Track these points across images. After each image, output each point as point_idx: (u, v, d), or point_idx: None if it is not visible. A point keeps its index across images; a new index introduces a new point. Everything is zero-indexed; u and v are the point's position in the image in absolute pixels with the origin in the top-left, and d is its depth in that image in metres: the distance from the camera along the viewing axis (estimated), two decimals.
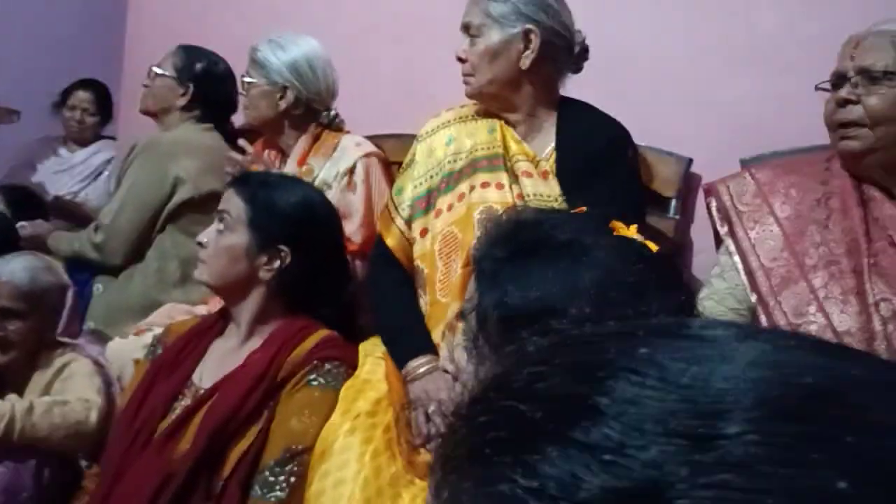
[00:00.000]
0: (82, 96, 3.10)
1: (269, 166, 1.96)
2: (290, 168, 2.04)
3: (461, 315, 0.92)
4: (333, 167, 2.01)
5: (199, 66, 2.33)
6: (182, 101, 2.32)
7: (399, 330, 1.65)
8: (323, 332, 1.55)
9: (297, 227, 1.55)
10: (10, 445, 1.65)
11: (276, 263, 1.53)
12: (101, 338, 2.08)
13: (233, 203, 1.56)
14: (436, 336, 1.61)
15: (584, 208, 0.93)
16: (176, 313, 2.02)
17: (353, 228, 1.97)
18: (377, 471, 1.44)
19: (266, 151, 2.13)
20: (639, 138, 1.87)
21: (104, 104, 3.17)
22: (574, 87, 1.77)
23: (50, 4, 3.28)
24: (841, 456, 0.28)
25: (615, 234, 0.91)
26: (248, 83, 2.07)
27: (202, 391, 1.52)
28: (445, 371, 0.96)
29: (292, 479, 1.42)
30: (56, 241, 2.36)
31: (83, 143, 3.16)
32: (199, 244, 1.59)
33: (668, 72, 1.97)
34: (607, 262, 0.86)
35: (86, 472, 1.75)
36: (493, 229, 0.93)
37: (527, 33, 1.63)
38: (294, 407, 1.47)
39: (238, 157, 1.91)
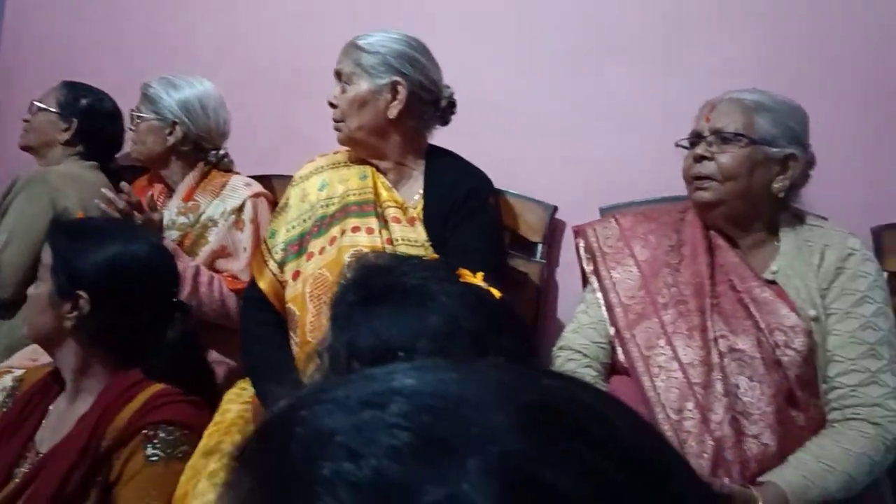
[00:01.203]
0: None
1: (147, 207, 1.92)
2: (175, 203, 2.03)
3: (316, 354, 0.96)
4: (221, 205, 2.02)
5: (83, 101, 2.30)
6: (65, 137, 2.27)
7: (269, 370, 1.64)
8: (153, 389, 1.46)
9: (96, 275, 1.47)
10: None
11: (77, 311, 1.46)
12: None
13: (45, 252, 1.52)
14: (306, 378, 1.63)
15: (437, 256, 0.98)
16: (39, 355, 1.94)
17: (240, 267, 1.98)
18: None
19: (152, 186, 2.11)
20: (508, 186, 1.96)
21: None
22: (448, 137, 1.85)
23: None
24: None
25: (461, 280, 0.96)
26: (138, 117, 2.08)
27: (38, 456, 1.45)
28: None
29: None
30: None
31: None
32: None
33: (535, 126, 2.08)
34: (451, 308, 0.91)
35: None
36: (348, 275, 0.97)
37: (394, 85, 1.70)
38: (138, 490, 1.38)
39: (111, 195, 1.87)
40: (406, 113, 1.70)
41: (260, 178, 2.18)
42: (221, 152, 2.12)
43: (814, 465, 1.33)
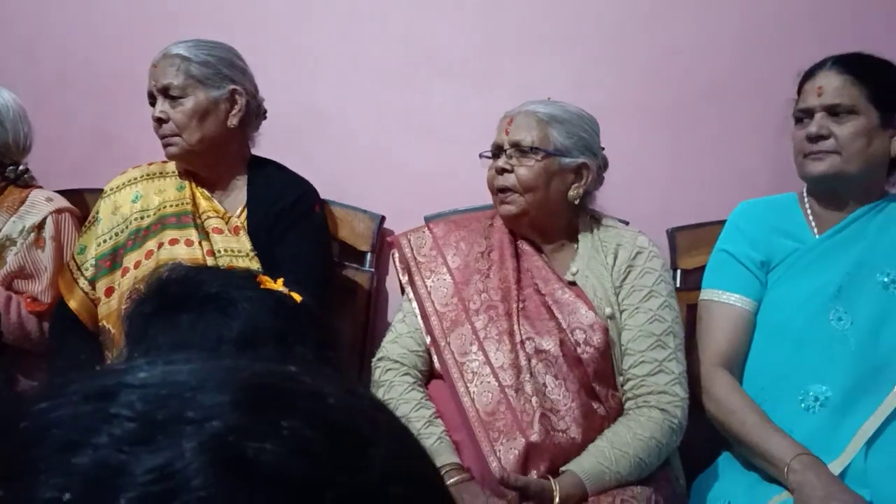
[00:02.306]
0: None
1: None
2: None
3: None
4: (20, 222, 1.88)
5: None
6: None
7: None
8: None
9: None
10: None
11: None
12: None
13: None
14: None
15: (260, 266, 0.98)
16: None
17: (40, 288, 1.86)
18: None
19: None
20: (337, 197, 1.99)
21: None
22: (274, 148, 1.85)
23: None
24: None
25: (262, 287, 0.97)
26: None
27: None
28: None
29: None
30: None
31: None
32: None
33: (360, 137, 2.12)
34: (252, 313, 0.92)
35: None
36: (141, 288, 0.96)
37: (233, 93, 1.69)
38: None
39: None
40: (242, 121, 1.70)
41: (72, 192, 2.06)
42: (21, 167, 1.97)
43: (608, 451, 1.44)
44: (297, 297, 0.98)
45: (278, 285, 0.99)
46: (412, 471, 0.39)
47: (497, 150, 1.62)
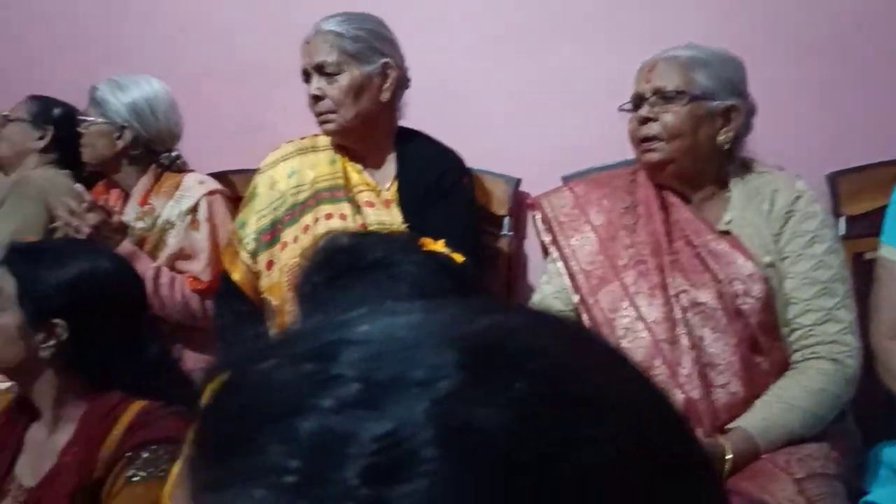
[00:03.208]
0: None
1: (106, 211, 1.92)
2: (132, 208, 2.02)
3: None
4: (176, 206, 2.00)
5: (56, 110, 2.33)
6: (40, 145, 2.30)
7: None
8: (134, 408, 1.43)
9: (70, 299, 1.42)
10: None
11: (53, 340, 1.40)
12: None
13: (3, 280, 1.44)
14: None
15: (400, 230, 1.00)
16: None
17: (199, 267, 1.97)
18: None
19: (108, 192, 2.10)
20: (471, 162, 1.99)
21: None
22: (413, 117, 1.87)
23: None
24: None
25: (424, 249, 0.99)
26: (85, 121, 2.05)
27: (22, 489, 1.43)
28: None
29: None
30: None
31: None
32: None
33: (492, 102, 2.12)
34: (417, 276, 0.94)
35: None
36: (310, 258, 0.99)
37: (384, 67, 1.71)
38: None
39: (72, 203, 1.87)
40: (392, 94, 1.72)
41: (220, 175, 2.18)
42: (174, 154, 2.09)
43: (777, 406, 1.38)
44: (459, 258, 0.99)
45: (439, 246, 1.01)
46: (660, 442, 0.34)
47: (638, 101, 1.58)
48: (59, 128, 2.31)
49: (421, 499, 0.29)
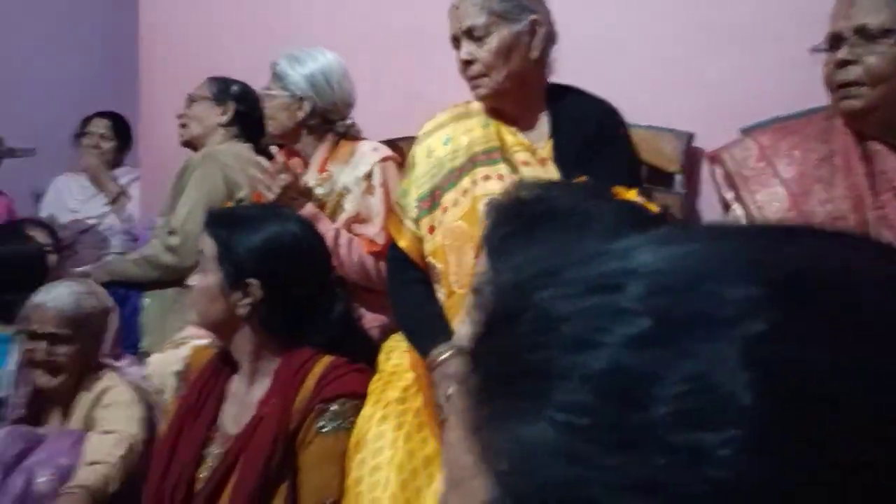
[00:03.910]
0: (99, 123, 3.24)
1: (295, 174, 2.03)
2: (311, 175, 2.12)
3: (474, 291, 0.97)
4: (352, 172, 2.08)
5: (234, 87, 2.52)
6: (223, 120, 2.50)
7: (419, 323, 1.69)
8: (324, 363, 1.54)
9: (263, 260, 1.54)
10: None
11: (249, 299, 1.52)
12: (144, 358, 2.16)
13: (205, 243, 1.58)
14: (455, 326, 1.66)
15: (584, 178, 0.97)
16: None
17: (375, 231, 2.04)
18: (410, 454, 1.49)
19: (291, 160, 2.21)
20: (638, 118, 1.91)
21: (121, 131, 3.29)
22: (569, 73, 1.82)
23: (65, 45, 3.40)
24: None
25: (617, 197, 0.95)
26: (269, 95, 2.17)
27: (227, 438, 1.55)
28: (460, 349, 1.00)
29: None
30: (104, 274, 2.45)
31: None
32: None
33: (658, 53, 2.01)
34: (613, 225, 0.91)
35: None
36: (497, 209, 0.98)
37: (533, 24, 1.67)
38: (312, 461, 1.48)
39: (266, 163, 1.99)
40: (542, 51, 1.69)
41: (387, 143, 2.23)
42: (348, 122, 2.18)
43: None
44: (654, 208, 0.95)
45: (632, 195, 0.97)
46: None
47: (835, 41, 1.43)
48: (239, 103, 2.51)
49: (738, 449, 0.26)
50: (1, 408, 1.90)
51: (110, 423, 1.80)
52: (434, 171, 1.75)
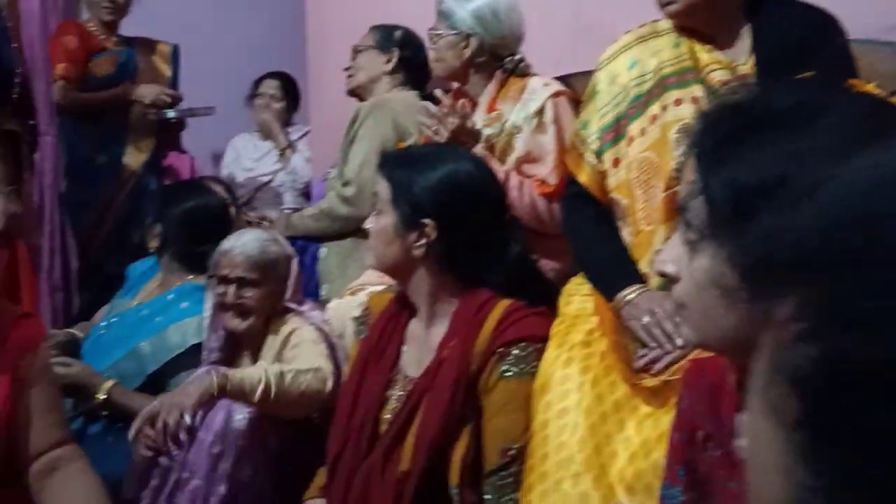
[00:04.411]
0: (269, 84, 3.37)
1: (463, 115, 1.98)
2: (480, 115, 2.07)
3: (680, 207, 0.87)
4: (523, 110, 2.02)
5: (398, 33, 2.54)
6: (388, 67, 2.53)
7: (603, 264, 1.60)
8: (502, 305, 1.50)
9: (438, 200, 1.51)
10: (263, 410, 1.75)
11: (424, 239, 1.50)
12: (323, 305, 2.22)
13: (380, 185, 1.56)
14: (643, 266, 1.55)
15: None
16: None
17: (546, 170, 1.97)
18: (599, 398, 1.41)
19: (459, 101, 2.17)
20: (854, 31, 1.68)
21: (290, 91, 3.40)
22: None
23: (239, 9, 3.54)
24: None
25: (853, 91, 0.81)
26: (435, 35, 2.14)
27: (408, 380, 1.55)
28: (662, 274, 0.89)
29: (521, 479, 1.44)
30: (283, 230, 2.53)
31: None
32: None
33: None
34: (852, 121, 0.77)
35: None
36: (708, 113, 0.87)
37: None
38: (496, 405, 1.45)
39: (432, 108, 1.96)
40: None
41: (561, 79, 2.14)
42: (517, 57, 2.11)
43: None
44: None
45: (871, 88, 0.83)
46: None
47: None
48: (403, 48, 2.52)
49: None
50: (199, 352, 2.01)
51: (300, 361, 1.86)
52: (618, 99, 1.63)
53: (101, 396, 1.95)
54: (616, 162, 1.63)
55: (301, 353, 1.89)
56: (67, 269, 2.78)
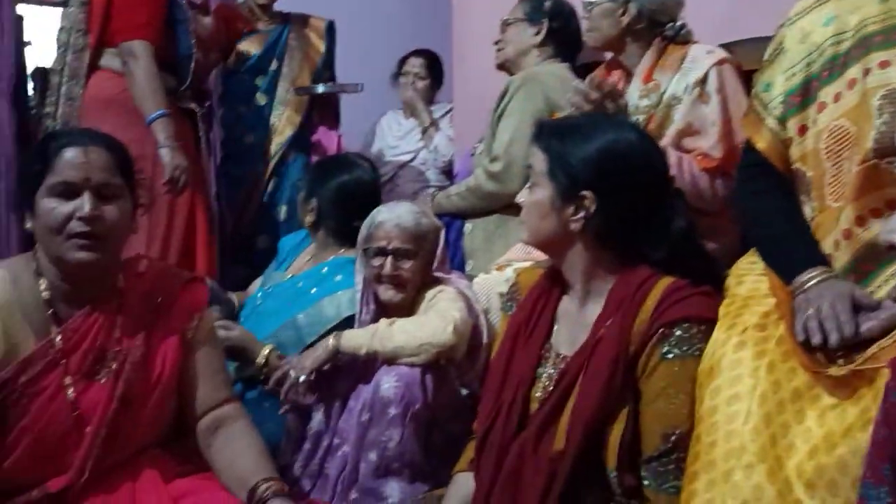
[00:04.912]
0: (414, 62, 3.39)
1: (615, 92, 1.90)
2: (636, 86, 1.98)
3: None
4: (683, 80, 1.91)
5: (547, 3, 2.50)
6: (537, 40, 2.49)
7: (782, 241, 1.46)
8: (664, 283, 1.42)
9: (597, 172, 1.44)
10: (375, 357, 1.85)
11: (582, 213, 1.44)
12: (471, 277, 2.21)
13: (535, 157, 1.51)
14: (826, 246, 1.41)
15: None
16: (531, 249, 2.05)
17: (709, 143, 1.85)
18: (776, 385, 1.30)
19: (609, 75, 2.09)
20: None
21: (434, 69, 3.41)
22: None
23: None
24: None
25: None
26: (590, 3, 2.08)
27: (560, 358, 1.50)
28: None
29: (682, 466, 1.36)
30: (434, 209, 2.54)
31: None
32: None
33: None
34: None
35: None
36: None
37: None
38: (657, 388, 1.38)
39: (581, 85, 1.89)
40: None
41: (723, 46, 2.01)
42: (678, 24, 2.01)
43: None
44: None
45: None
46: None
47: None
48: (553, 19, 2.48)
49: None
50: (351, 324, 2.05)
51: (430, 313, 1.90)
52: (810, 59, 1.47)
53: (261, 361, 2.02)
54: (802, 130, 1.48)
55: (434, 306, 1.90)
56: (225, 242, 2.93)
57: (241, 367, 2.08)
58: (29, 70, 2.77)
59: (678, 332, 1.39)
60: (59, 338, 1.52)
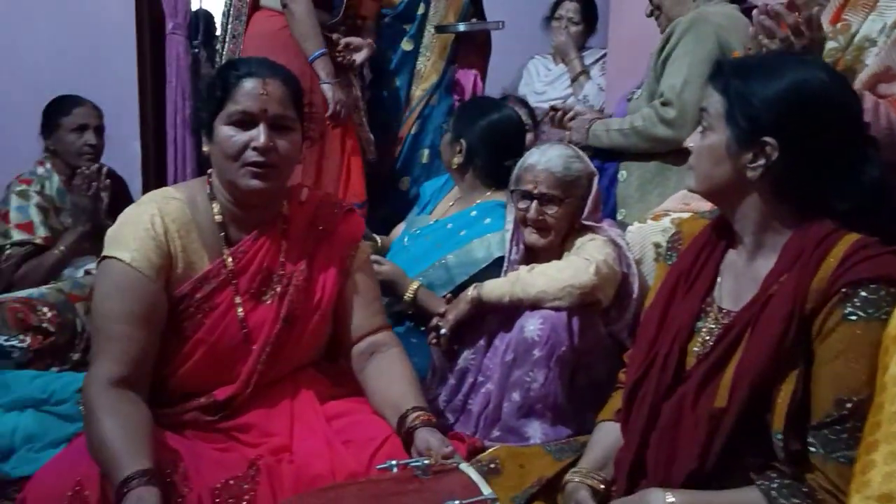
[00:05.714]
0: (568, 6, 3.28)
1: (812, 18, 1.74)
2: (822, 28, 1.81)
3: None
4: (878, 20, 1.73)
5: None
6: None
7: None
8: (848, 240, 1.29)
9: (782, 115, 1.31)
10: (519, 304, 1.84)
11: (762, 160, 1.32)
12: (623, 225, 2.14)
13: (711, 98, 1.39)
14: None
15: None
16: (690, 199, 1.97)
17: None
18: None
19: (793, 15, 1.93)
20: None
21: (589, 15, 3.28)
22: None
23: None
24: None
25: None
26: None
27: (723, 312, 1.42)
28: None
29: (857, 435, 1.26)
30: (582, 137, 2.46)
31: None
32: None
33: None
34: None
35: None
36: None
37: None
38: (834, 350, 1.27)
39: (767, 22, 1.74)
40: None
41: None
42: None
43: None
44: None
45: None
46: None
47: None
48: None
49: None
50: (502, 264, 2.05)
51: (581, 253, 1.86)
52: None
53: (409, 296, 2.05)
54: None
55: (582, 252, 1.86)
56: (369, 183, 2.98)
57: (391, 303, 2.12)
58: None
59: (863, 293, 1.27)
60: (230, 259, 1.59)
